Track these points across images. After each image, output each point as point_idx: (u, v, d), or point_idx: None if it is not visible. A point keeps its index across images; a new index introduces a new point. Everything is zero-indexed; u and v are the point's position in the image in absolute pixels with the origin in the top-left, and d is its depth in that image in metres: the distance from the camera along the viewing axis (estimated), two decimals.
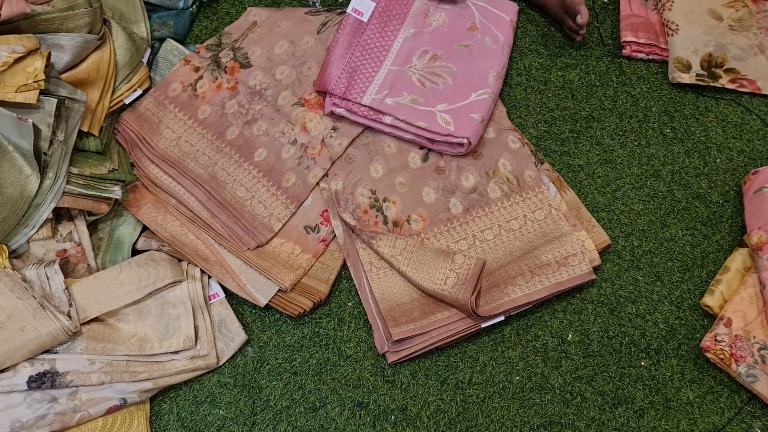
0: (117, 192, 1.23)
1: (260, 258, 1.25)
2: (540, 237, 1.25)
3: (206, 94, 1.40)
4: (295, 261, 1.25)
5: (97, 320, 1.16)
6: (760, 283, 1.18)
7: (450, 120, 1.30)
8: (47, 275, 1.14)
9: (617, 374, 1.20)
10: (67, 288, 1.14)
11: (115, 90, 1.31)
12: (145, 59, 1.37)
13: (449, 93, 1.35)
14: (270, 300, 1.22)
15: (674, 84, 1.45)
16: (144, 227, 1.29)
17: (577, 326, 1.23)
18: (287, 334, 1.24)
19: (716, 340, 1.16)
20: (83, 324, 1.14)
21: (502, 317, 1.19)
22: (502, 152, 1.33)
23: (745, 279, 1.21)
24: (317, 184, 1.32)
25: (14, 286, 1.10)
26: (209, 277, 1.25)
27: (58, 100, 1.14)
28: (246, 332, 1.21)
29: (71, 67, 1.23)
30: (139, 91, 1.35)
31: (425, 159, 1.33)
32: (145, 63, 1.36)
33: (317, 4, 1.52)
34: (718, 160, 1.38)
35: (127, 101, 1.34)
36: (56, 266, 1.14)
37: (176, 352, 1.16)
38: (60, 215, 1.23)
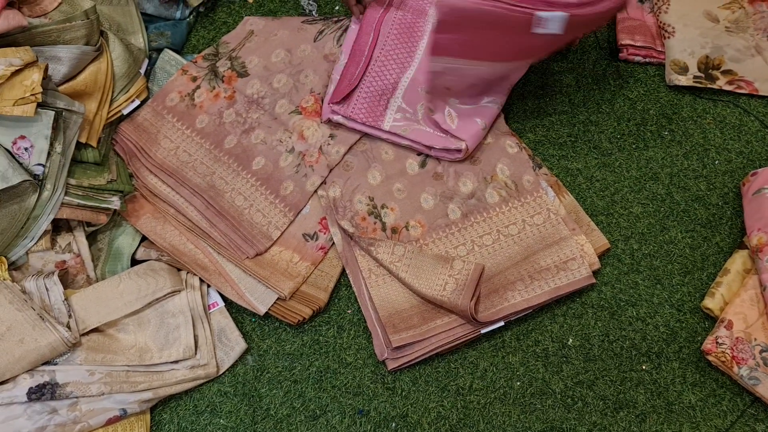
0: (116, 202, 1.23)
1: (259, 266, 1.25)
2: (539, 242, 1.25)
3: (204, 104, 1.40)
4: (294, 269, 1.25)
5: (97, 331, 1.16)
6: (761, 285, 1.17)
7: (455, 117, 1.30)
8: (46, 286, 1.14)
9: (618, 378, 1.19)
10: (67, 299, 1.14)
11: (113, 101, 1.31)
12: (143, 70, 1.37)
13: (461, 91, 1.35)
14: (269, 308, 1.22)
15: (671, 86, 1.45)
16: (143, 237, 1.29)
17: (578, 330, 1.23)
18: (287, 343, 1.23)
19: (717, 343, 1.15)
20: (83, 335, 1.14)
21: (502, 323, 1.19)
22: (500, 157, 1.33)
23: (746, 281, 1.21)
24: (315, 192, 1.32)
25: (13, 298, 1.10)
26: (208, 287, 1.25)
27: (56, 112, 1.14)
28: (246, 341, 1.21)
29: (69, 79, 1.24)
30: (137, 102, 1.35)
31: (423, 165, 1.33)
32: (143, 74, 1.37)
33: (314, 13, 1.53)
34: (717, 162, 1.37)
35: (125, 112, 1.34)
36: (55, 277, 1.15)
37: (176, 362, 1.16)
38: (59, 226, 1.23)
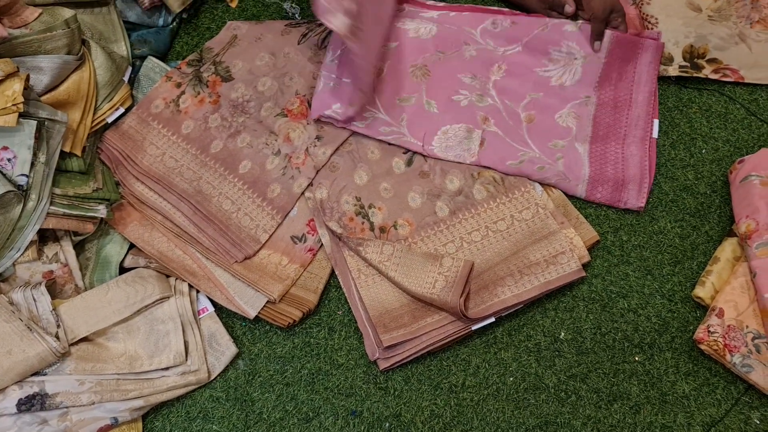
0: (102, 211, 1.23)
1: (248, 270, 1.24)
2: (528, 236, 1.25)
3: (189, 109, 1.40)
4: (283, 271, 1.25)
5: (86, 340, 1.15)
6: (751, 272, 1.17)
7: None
8: (34, 297, 1.14)
9: (611, 370, 1.19)
10: (55, 309, 1.14)
11: (97, 109, 1.31)
12: (126, 78, 1.37)
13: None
14: (259, 312, 1.21)
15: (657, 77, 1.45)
16: (131, 245, 1.29)
17: (569, 324, 1.22)
18: (278, 346, 1.23)
19: (709, 332, 1.15)
20: (72, 344, 1.13)
21: (493, 318, 1.18)
22: None
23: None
24: (302, 194, 1.32)
25: (1, 310, 1.10)
26: (198, 292, 1.24)
27: (38, 122, 1.14)
28: (236, 345, 1.21)
29: (51, 89, 1.23)
30: (122, 110, 1.35)
31: (409, 164, 1.33)
32: (126, 81, 1.37)
33: (297, 16, 1.53)
34: (704, 151, 1.37)
35: (110, 120, 1.33)
36: (42, 288, 1.14)
37: (167, 369, 1.16)
38: (45, 236, 1.22)
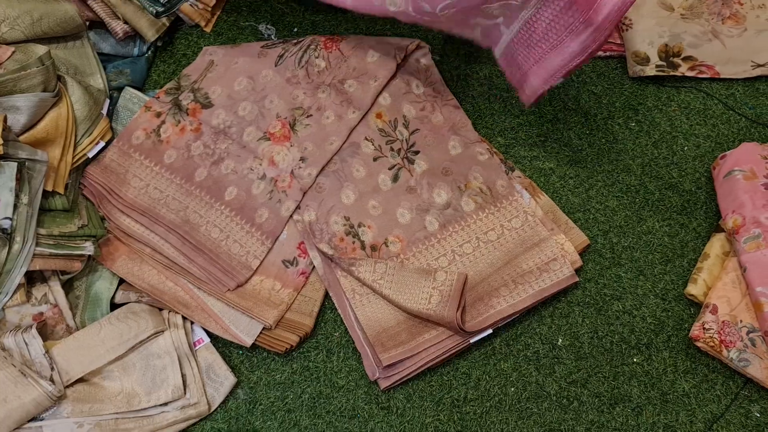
0: (89, 248, 1.21)
1: (241, 298, 1.23)
2: (519, 245, 1.25)
3: (170, 139, 1.38)
4: (277, 297, 1.24)
5: (82, 381, 1.13)
6: (741, 267, 1.18)
7: None
8: (25, 341, 1.12)
9: (611, 374, 1.19)
10: (47, 352, 1.12)
11: (77, 145, 1.29)
12: (105, 110, 1.35)
13: None
14: (256, 339, 1.20)
15: (634, 78, 1.47)
16: (121, 280, 1.27)
17: (566, 330, 1.23)
18: (277, 372, 1.22)
19: (704, 329, 1.16)
20: (67, 386, 1.12)
21: (490, 330, 1.18)
22: (471, 165, 1.32)
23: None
24: (291, 217, 1.31)
25: None
26: (192, 324, 1.23)
27: (19, 163, 1.12)
28: (235, 374, 1.20)
29: (29, 128, 1.21)
30: (102, 143, 1.33)
31: (395, 180, 1.33)
32: (105, 114, 1.35)
33: (272, 36, 1.52)
34: (686, 148, 1.38)
35: (91, 155, 1.32)
36: (33, 331, 1.12)
37: (166, 404, 1.14)
38: (33, 278, 1.20)
